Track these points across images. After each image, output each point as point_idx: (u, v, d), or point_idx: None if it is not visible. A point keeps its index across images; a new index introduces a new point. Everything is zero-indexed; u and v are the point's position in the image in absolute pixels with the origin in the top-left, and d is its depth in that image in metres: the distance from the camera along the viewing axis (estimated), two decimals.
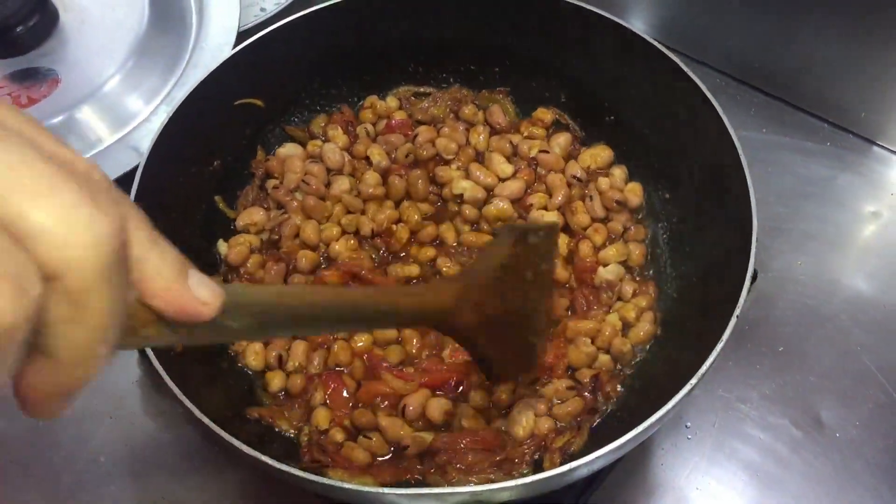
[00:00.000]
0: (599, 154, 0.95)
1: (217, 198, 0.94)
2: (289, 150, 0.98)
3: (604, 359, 0.83)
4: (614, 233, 0.91)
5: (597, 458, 0.65)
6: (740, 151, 0.77)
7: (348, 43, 0.98)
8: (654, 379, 0.81)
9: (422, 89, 1.03)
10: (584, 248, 0.89)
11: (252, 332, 0.40)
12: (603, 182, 0.92)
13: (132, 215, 0.31)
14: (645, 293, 0.87)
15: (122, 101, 1.08)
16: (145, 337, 0.33)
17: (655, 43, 0.86)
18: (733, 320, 0.68)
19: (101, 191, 0.29)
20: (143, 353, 0.70)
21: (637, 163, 0.95)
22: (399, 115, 1.01)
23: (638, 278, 0.89)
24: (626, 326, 0.85)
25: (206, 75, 0.88)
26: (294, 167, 0.95)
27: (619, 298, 0.87)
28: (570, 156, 0.96)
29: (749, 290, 0.71)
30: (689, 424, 0.87)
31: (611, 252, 0.89)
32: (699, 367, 0.68)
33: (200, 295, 0.33)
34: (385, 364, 0.83)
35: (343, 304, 0.51)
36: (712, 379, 0.88)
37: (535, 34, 0.96)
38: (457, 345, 0.78)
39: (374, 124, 1.01)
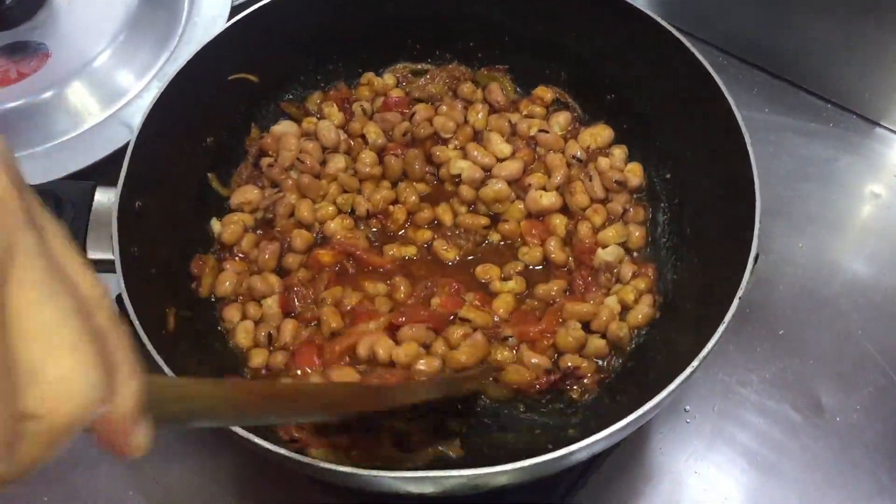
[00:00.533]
0: (599, 133, 0.93)
1: (210, 175, 0.92)
2: (284, 127, 0.96)
3: (598, 343, 0.82)
4: (613, 214, 0.89)
5: (595, 441, 0.64)
6: (744, 131, 0.76)
7: (345, 17, 0.96)
8: (652, 362, 0.80)
9: (419, 66, 1.01)
10: (583, 228, 0.88)
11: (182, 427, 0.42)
12: (603, 162, 0.91)
13: (121, 374, 0.33)
14: (644, 275, 0.86)
15: (113, 76, 1.06)
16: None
17: (658, 18, 0.85)
18: (735, 303, 0.67)
19: (104, 346, 0.32)
20: (135, 335, 0.69)
21: (637, 142, 0.93)
22: (396, 93, 0.99)
23: (637, 260, 0.88)
24: (625, 309, 0.84)
25: (199, 49, 0.86)
26: (289, 145, 0.93)
27: (618, 280, 0.86)
28: (569, 135, 0.95)
29: (751, 273, 0.69)
30: (688, 408, 0.86)
31: (610, 233, 0.88)
32: (699, 350, 0.67)
33: (135, 443, 0.35)
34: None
35: (278, 400, 0.53)
36: (712, 363, 0.87)
37: (536, 10, 0.94)
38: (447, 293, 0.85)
39: (370, 102, 0.99)
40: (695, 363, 0.65)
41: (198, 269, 0.86)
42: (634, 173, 0.91)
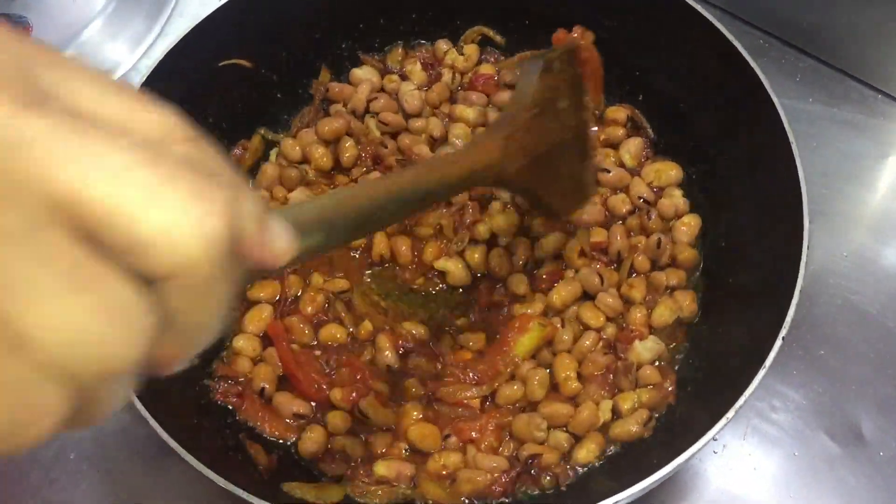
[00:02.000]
0: (665, 171, 0.84)
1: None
2: (365, 72, 0.90)
3: (562, 437, 0.73)
4: (656, 286, 0.79)
5: (630, 494, 0.58)
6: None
7: None
8: (693, 400, 0.72)
9: (496, 36, 0.93)
10: (636, 314, 0.77)
11: (320, 248, 0.40)
12: (665, 204, 0.81)
13: (230, 188, 0.29)
14: (658, 388, 0.74)
15: (102, 49, 1.00)
16: None
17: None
18: (778, 343, 0.60)
19: (195, 171, 0.27)
20: None
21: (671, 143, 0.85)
22: (486, 70, 0.90)
23: (662, 363, 0.76)
24: (613, 415, 0.74)
25: (186, 32, 0.78)
26: (363, 94, 0.88)
27: (637, 385, 0.75)
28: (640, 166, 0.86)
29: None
30: (716, 437, 0.79)
31: (662, 311, 0.76)
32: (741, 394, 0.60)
33: (276, 248, 0.32)
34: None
35: (398, 190, 0.50)
36: None
37: None
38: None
39: (461, 73, 0.91)
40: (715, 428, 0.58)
41: None
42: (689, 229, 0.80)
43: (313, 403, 0.75)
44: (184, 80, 0.79)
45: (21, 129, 0.24)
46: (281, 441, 0.73)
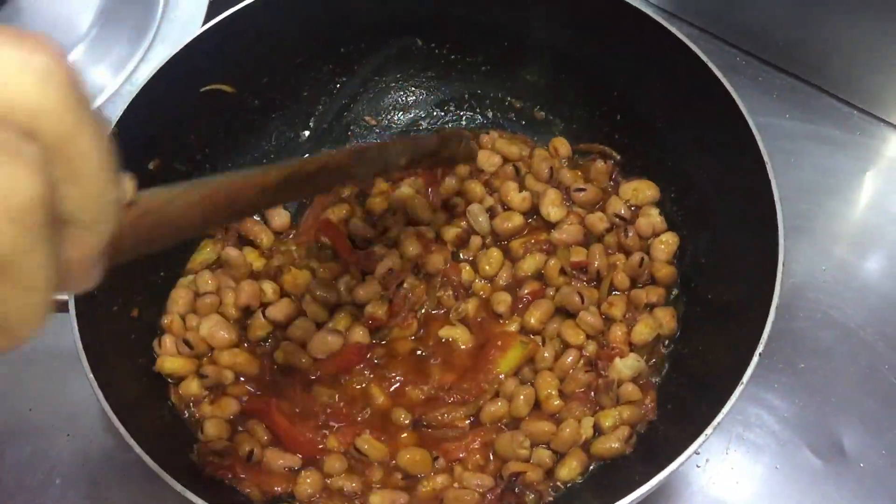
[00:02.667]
0: (642, 190, 0.84)
1: None
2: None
3: (543, 454, 0.73)
4: (636, 303, 0.80)
5: None
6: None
7: (334, 18, 0.88)
8: (673, 416, 0.73)
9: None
10: (617, 332, 0.78)
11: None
12: (643, 223, 0.82)
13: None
14: (638, 405, 0.74)
15: (86, 73, 1.00)
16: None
17: (655, 15, 0.77)
18: (755, 359, 0.61)
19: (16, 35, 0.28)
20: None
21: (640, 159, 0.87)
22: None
23: (643, 380, 0.76)
24: (595, 432, 0.74)
25: (171, 56, 0.78)
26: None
27: (617, 401, 0.75)
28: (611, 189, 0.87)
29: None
30: (698, 452, 0.79)
31: (641, 329, 0.77)
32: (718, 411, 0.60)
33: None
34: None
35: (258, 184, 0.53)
36: None
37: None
38: None
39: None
40: (693, 446, 0.59)
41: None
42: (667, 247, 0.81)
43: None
44: (167, 104, 0.80)
45: None
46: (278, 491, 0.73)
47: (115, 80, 1.02)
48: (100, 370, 0.63)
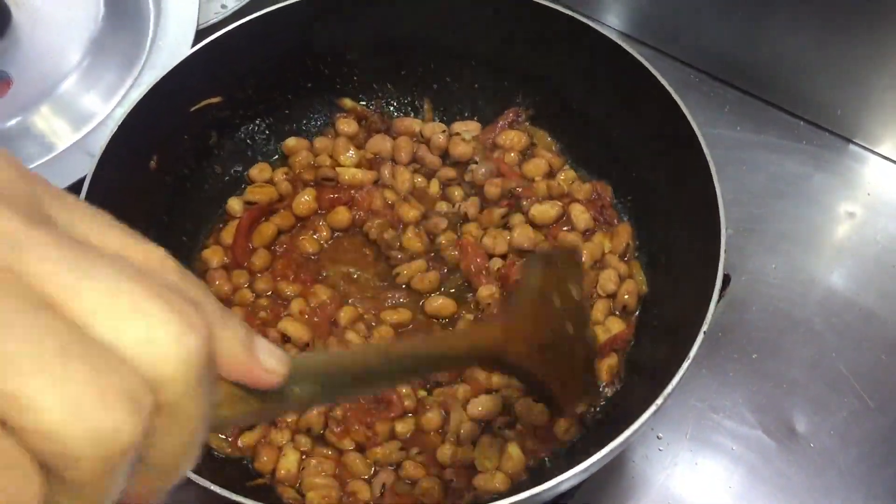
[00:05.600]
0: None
1: None
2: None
3: None
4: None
5: (562, 481, 0.63)
6: (706, 151, 0.75)
7: (316, 42, 0.94)
8: (628, 391, 0.79)
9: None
10: None
11: (316, 398, 0.41)
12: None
13: (213, 314, 0.31)
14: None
15: (78, 101, 1.05)
16: (222, 416, 0.34)
17: (618, 40, 0.84)
18: (700, 336, 0.66)
19: (180, 295, 0.29)
20: None
21: (599, 163, 0.93)
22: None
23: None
24: None
25: (157, 81, 0.84)
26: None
27: None
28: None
29: (718, 302, 0.69)
30: (660, 436, 0.85)
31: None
32: (668, 382, 0.66)
33: (268, 365, 0.33)
34: None
35: (399, 358, 0.51)
36: (684, 388, 0.85)
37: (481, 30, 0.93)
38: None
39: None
40: (659, 400, 0.64)
41: None
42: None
43: None
44: (156, 125, 0.86)
45: (26, 241, 0.26)
46: None
47: (106, 106, 1.06)
48: None
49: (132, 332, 0.27)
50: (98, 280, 0.27)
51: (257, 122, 0.97)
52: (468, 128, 0.95)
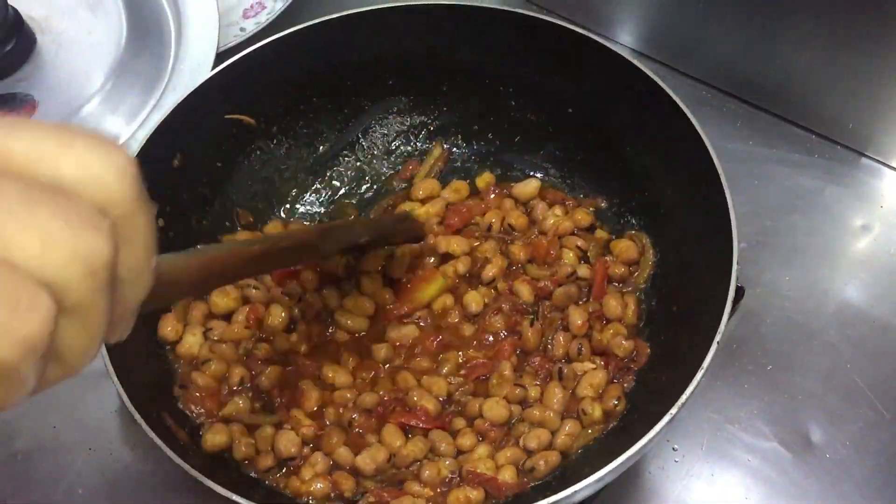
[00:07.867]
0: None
1: None
2: None
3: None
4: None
5: (577, 490, 0.64)
6: (717, 163, 0.76)
7: (335, 63, 0.96)
8: (643, 402, 0.79)
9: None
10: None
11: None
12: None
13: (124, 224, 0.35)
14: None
15: (101, 123, 1.07)
16: None
17: (631, 58, 0.85)
18: (714, 347, 0.67)
19: (84, 210, 0.32)
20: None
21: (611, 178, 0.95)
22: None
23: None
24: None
25: (179, 101, 0.87)
26: None
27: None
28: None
29: (731, 314, 0.69)
30: (676, 447, 0.86)
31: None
32: (682, 393, 0.67)
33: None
34: None
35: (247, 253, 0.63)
36: (700, 400, 0.87)
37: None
38: None
39: None
40: (673, 409, 0.65)
41: None
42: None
43: None
44: (178, 145, 0.88)
45: None
46: None
47: (129, 128, 1.09)
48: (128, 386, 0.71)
49: (68, 167, 0.32)
50: (24, 131, 0.32)
51: (276, 141, 0.99)
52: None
